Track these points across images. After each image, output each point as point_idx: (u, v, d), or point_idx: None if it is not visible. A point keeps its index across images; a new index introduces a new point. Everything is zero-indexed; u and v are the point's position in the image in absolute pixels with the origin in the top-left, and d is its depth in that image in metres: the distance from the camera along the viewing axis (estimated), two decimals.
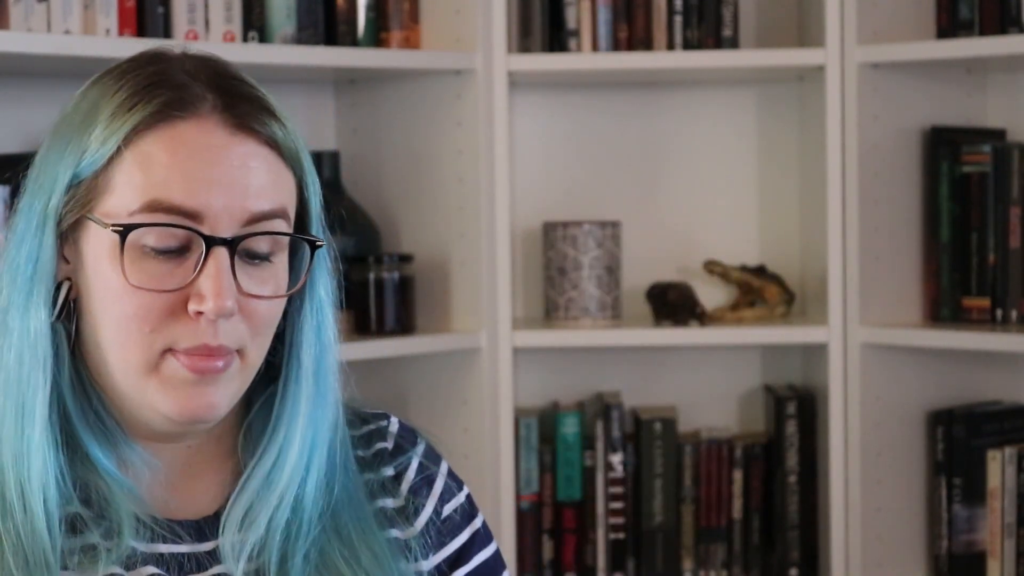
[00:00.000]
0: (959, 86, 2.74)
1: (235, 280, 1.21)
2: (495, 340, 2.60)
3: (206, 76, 1.24)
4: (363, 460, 1.36)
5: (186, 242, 1.21)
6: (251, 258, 1.24)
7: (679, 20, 2.67)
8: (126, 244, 1.20)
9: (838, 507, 2.63)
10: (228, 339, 1.22)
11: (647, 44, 2.67)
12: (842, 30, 2.59)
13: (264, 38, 2.45)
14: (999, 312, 2.61)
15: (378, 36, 2.59)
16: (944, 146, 2.65)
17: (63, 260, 1.24)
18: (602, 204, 2.86)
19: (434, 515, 1.37)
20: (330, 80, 2.76)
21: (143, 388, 1.23)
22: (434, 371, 2.66)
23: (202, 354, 1.21)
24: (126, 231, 1.20)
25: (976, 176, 2.62)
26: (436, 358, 2.64)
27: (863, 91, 2.59)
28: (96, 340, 1.24)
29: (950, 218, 2.65)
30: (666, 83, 2.85)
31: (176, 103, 1.22)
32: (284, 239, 1.25)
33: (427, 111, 2.64)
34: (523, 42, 2.71)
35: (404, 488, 1.37)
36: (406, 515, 1.36)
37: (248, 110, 1.24)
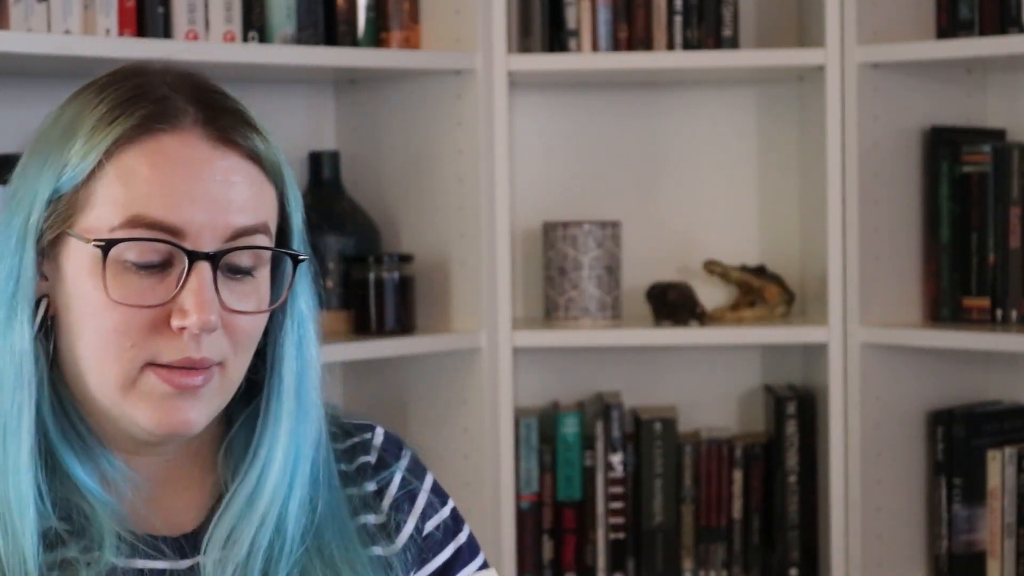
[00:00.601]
0: (959, 86, 2.74)
1: (218, 295, 1.20)
2: (495, 340, 2.60)
3: (187, 89, 1.24)
4: (346, 475, 1.34)
5: (168, 257, 1.20)
6: (233, 273, 1.23)
7: (679, 20, 2.67)
8: (108, 259, 1.19)
9: (838, 507, 2.63)
10: (211, 352, 1.21)
11: (647, 44, 2.67)
12: (842, 30, 2.58)
13: (264, 38, 2.45)
14: (999, 312, 2.61)
15: (378, 36, 2.59)
16: (944, 146, 2.65)
17: (42, 277, 1.23)
18: (602, 204, 2.86)
19: (415, 532, 1.36)
20: (330, 80, 2.76)
21: (121, 402, 1.22)
22: (434, 371, 2.66)
23: (184, 367, 1.20)
24: (108, 246, 1.19)
25: (976, 176, 2.62)
26: (436, 358, 2.64)
27: (863, 91, 2.59)
28: (74, 356, 1.23)
29: (950, 218, 2.65)
30: (666, 83, 2.85)
31: (158, 116, 1.21)
32: (266, 254, 1.25)
33: (427, 111, 2.64)
34: (523, 42, 2.71)
35: (386, 504, 1.36)
36: (388, 531, 1.34)
37: (230, 123, 1.23)
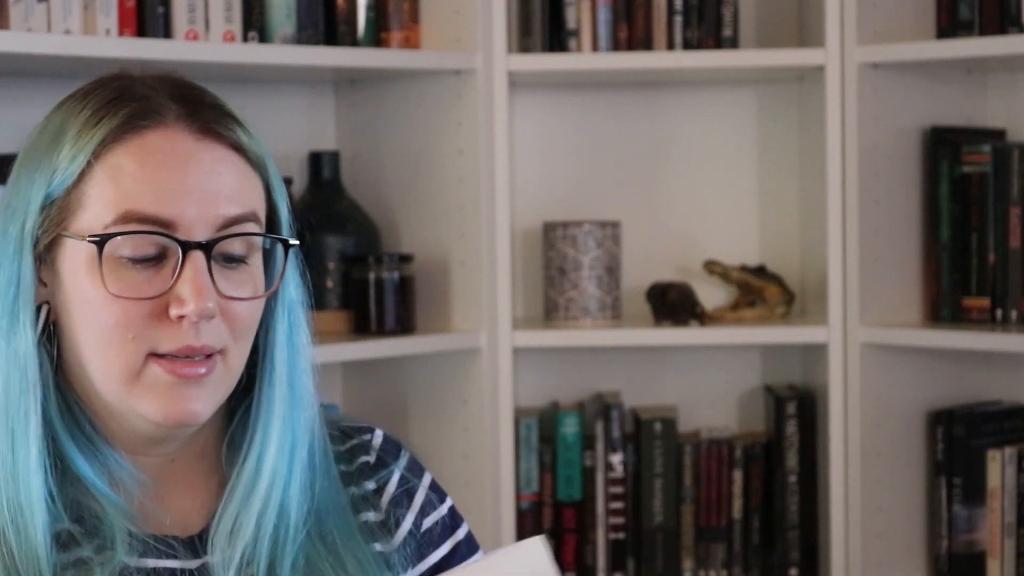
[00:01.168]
0: (959, 86, 2.74)
1: (214, 283, 1.23)
2: (495, 340, 2.60)
3: (167, 87, 1.27)
4: (346, 474, 1.37)
5: (162, 250, 1.23)
6: (227, 261, 1.25)
7: (679, 20, 2.67)
8: (104, 255, 1.21)
9: (838, 507, 2.63)
10: (210, 339, 1.23)
11: (647, 44, 2.67)
12: (842, 30, 2.58)
13: (264, 38, 2.45)
14: (999, 312, 2.61)
15: (378, 36, 2.59)
16: (944, 146, 2.65)
17: (41, 283, 1.26)
18: (602, 204, 2.86)
19: (413, 528, 1.38)
20: (330, 80, 2.76)
21: (127, 397, 1.24)
22: (434, 371, 2.66)
23: (185, 356, 1.22)
24: (103, 241, 1.21)
25: (976, 176, 2.62)
26: (436, 358, 2.64)
27: (863, 91, 2.59)
28: (78, 357, 1.25)
29: (950, 218, 2.65)
30: (666, 83, 2.85)
31: (141, 113, 1.24)
32: (258, 241, 1.27)
33: (427, 111, 2.64)
34: (523, 42, 2.71)
35: (385, 501, 1.38)
36: (387, 528, 1.36)
37: (212, 116, 1.26)
